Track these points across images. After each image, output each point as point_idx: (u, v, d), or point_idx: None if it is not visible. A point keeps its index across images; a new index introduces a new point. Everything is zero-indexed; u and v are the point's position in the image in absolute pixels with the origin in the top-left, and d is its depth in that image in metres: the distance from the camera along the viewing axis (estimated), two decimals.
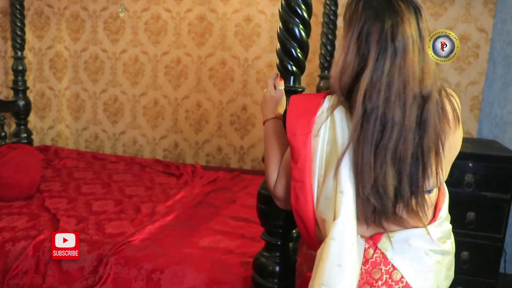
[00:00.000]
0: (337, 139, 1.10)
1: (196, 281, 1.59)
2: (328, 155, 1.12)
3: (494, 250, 2.58)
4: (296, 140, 1.13)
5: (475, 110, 2.97)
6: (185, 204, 2.31)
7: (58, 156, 3.12)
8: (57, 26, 3.64)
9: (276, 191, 1.25)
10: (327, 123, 1.11)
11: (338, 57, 1.11)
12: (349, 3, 1.12)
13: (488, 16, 2.86)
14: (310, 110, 1.14)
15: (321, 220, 1.14)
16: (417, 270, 1.14)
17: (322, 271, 1.08)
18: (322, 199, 1.12)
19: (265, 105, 1.35)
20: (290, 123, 1.14)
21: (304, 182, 1.13)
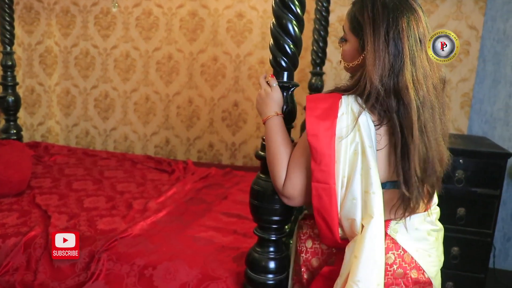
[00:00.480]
0: (364, 141, 1.14)
1: (188, 277, 1.58)
2: (352, 156, 1.16)
3: (483, 246, 2.61)
4: (319, 142, 1.15)
5: (466, 107, 2.99)
6: (177, 200, 2.30)
7: (49, 153, 3.09)
8: (47, 21, 3.61)
9: (286, 189, 1.25)
10: (351, 124, 1.15)
11: (371, 60, 1.14)
12: (361, 6, 1.18)
13: (479, 14, 2.88)
14: (331, 112, 1.16)
15: (346, 219, 1.18)
16: (422, 249, 1.24)
17: (358, 268, 1.12)
18: (348, 199, 1.16)
19: (263, 103, 1.33)
20: (312, 125, 1.16)
21: (329, 184, 1.16)
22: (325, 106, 1.18)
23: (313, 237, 1.37)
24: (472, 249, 2.61)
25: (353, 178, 1.15)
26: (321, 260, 1.33)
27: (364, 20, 1.17)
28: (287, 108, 1.34)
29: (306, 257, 1.37)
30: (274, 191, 1.34)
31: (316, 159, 1.16)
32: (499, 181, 2.55)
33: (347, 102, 1.17)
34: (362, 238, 1.13)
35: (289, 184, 1.25)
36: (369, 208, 1.14)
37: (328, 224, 1.21)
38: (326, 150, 1.15)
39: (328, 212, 1.19)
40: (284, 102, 1.34)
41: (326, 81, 3.08)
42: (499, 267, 3.11)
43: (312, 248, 1.36)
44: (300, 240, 1.39)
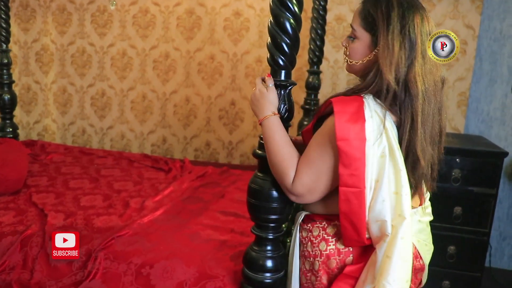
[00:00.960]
0: (392, 143, 1.18)
1: (186, 275, 1.58)
2: (379, 159, 1.19)
3: (480, 245, 2.62)
4: (350, 146, 1.16)
5: (462, 106, 3.00)
6: (174, 199, 2.30)
7: (45, 151, 3.08)
8: (43, 19, 3.59)
9: (296, 187, 1.26)
10: (378, 128, 1.18)
11: (385, 55, 1.18)
12: (375, 2, 1.23)
13: (476, 13, 2.89)
14: (358, 116, 1.18)
15: (375, 221, 1.20)
16: (422, 239, 1.35)
17: (391, 268, 1.16)
18: (378, 202, 1.19)
19: (258, 103, 1.33)
20: (341, 130, 1.16)
21: (360, 188, 1.18)
22: (352, 110, 1.19)
23: (326, 238, 1.34)
24: (468, 248, 2.62)
25: (381, 180, 1.18)
26: (338, 260, 1.32)
27: (378, 15, 1.21)
28: (285, 106, 1.34)
29: (322, 260, 1.34)
30: (271, 189, 1.34)
31: (345, 163, 1.17)
32: (496, 180, 2.56)
33: (370, 105, 1.19)
34: (394, 239, 1.16)
35: (299, 182, 1.25)
36: (400, 209, 1.17)
37: (355, 227, 1.22)
38: (358, 154, 1.16)
39: (357, 215, 1.20)
40: (282, 101, 1.34)
41: (323, 80, 3.08)
42: (495, 266, 3.13)
43: (327, 250, 1.34)
44: (313, 244, 1.36)
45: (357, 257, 1.30)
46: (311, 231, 1.37)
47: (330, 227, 1.34)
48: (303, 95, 2.97)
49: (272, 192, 1.35)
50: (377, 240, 1.21)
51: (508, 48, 2.97)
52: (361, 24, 1.27)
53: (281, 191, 1.34)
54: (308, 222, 1.39)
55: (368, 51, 1.27)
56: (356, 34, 1.29)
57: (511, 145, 3.04)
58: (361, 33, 1.27)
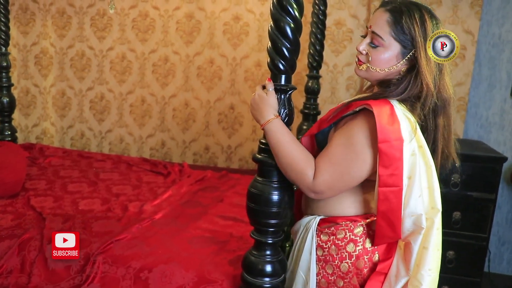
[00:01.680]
0: (421, 141, 1.28)
1: (184, 280, 1.58)
2: (410, 157, 1.26)
3: (479, 250, 2.62)
4: (391, 147, 1.23)
5: (461, 111, 3.00)
6: (173, 203, 2.29)
7: (43, 154, 3.07)
8: (43, 22, 3.60)
9: (318, 185, 1.29)
10: (409, 128, 1.26)
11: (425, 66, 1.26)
12: (409, 14, 1.28)
13: (475, 19, 2.90)
14: (393, 118, 1.25)
15: (410, 216, 1.27)
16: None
17: (428, 258, 1.26)
18: (413, 197, 1.26)
19: (258, 108, 1.33)
20: (383, 131, 1.22)
21: (400, 186, 1.25)
22: (387, 113, 1.25)
23: (354, 239, 1.38)
24: (467, 253, 2.62)
25: (413, 177, 1.25)
26: (366, 260, 1.37)
27: (415, 29, 1.26)
28: (285, 111, 1.34)
29: (352, 261, 1.37)
30: (271, 194, 1.34)
31: (385, 164, 1.23)
32: (495, 185, 2.56)
33: (397, 107, 1.27)
34: (430, 230, 1.27)
35: (321, 179, 1.28)
36: (433, 202, 1.28)
37: (392, 224, 1.28)
38: (398, 154, 1.23)
39: (395, 213, 1.27)
40: (282, 105, 1.34)
41: (322, 84, 3.08)
42: (494, 271, 3.12)
43: (356, 251, 1.38)
44: (338, 247, 1.39)
45: (383, 254, 1.37)
46: (335, 234, 1.39)
47: (357, 228, 1.38)
48: (302, 99, 2.97)
49: (272, 196, 1.34)
50: (410, 234, 1.29)
51: (507, 53, 2.98)
52: (391, 34, 1.29)
53: (281, 195, 1.34)
54: (327, 225, 1.41)
55: (394, 60, 1.31)
56: (382, 43, 1.31)
57: (510, 150, 3.05)
58: (390, 42, 1.30)
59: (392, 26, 1.29)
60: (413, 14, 1.27)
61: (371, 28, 1.32)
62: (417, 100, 1.29)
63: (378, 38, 1.31)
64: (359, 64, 1.37)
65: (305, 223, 1.46)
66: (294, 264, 1.50)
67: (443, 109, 1.31)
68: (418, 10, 1.28)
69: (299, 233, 1.48)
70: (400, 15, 1.28)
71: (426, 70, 1.26)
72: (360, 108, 1.31)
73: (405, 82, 1.30)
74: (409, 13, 1.27)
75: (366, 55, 1.34)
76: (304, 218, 1.48)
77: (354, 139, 1.27)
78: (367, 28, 1.35)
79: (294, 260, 1.50)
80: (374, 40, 1.32)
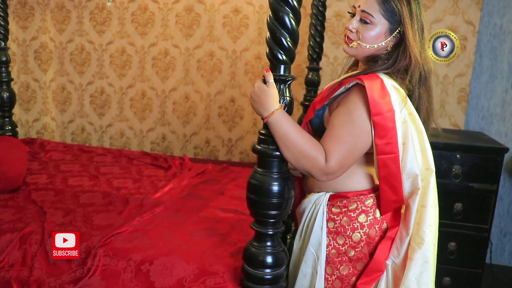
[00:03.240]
0: (411, 109, 1.38)
1: (185, 272, 1.57)
2: (402, 125, 1.36)
3: (480, 241, 2.62)
4: (384, 119, 1.33)
5: (463, 102, 2.99)
6: (174, 196, 2.29)
7: (44, 149, 3.07)
8: (42, 17, 3.59)
9: (331, 166, 1.34)
10: (399, 98, 1.36)
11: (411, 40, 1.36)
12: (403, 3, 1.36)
13: (476, 9, 2.88)
14: (383, 91, 1.34)
15: (408, 177, 1.39)
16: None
17: (427, 215, 1.38)
18: (408, 160, 1.37)
19: (260, 100, 1.33)
20: (375, 105, 1.32)
21: (396, 153, 1.36)
22: (378, 86, 1.34)
23: (365, 210, 1.47)
24: (469, 244, 2.62)
25: (407, 142, 1.36)
26: (377, 229, 1.47)
27: (402, 8, 1.36)
28: (284, 101, 1.33)
29: (364, 231, 1.46)
30: (271, 185, 1.33)
31: (381, 135, 1.34)
32: (496, 176, 2.55)
33: (385, 80, 1.36)
34: (426, 189, 1.38)
35: (334, 160, 1.33)
36: (427, 163, 1.39)
37: (394, 188, 1.39)
38: (391, 124, 1.33)
39: (395, 176, 1.37)
40: (281, 96, 1.33)
41: (322, 76, 3.07)
42: (495, 263, 3.12)
43: (367, 221, 1.47)
44: (350, 218, 1.46)
45: (390, 221, 1.48)
46: (347, 206, 1.47)
47: (368, 200, 1.48)
48: (302, 91, 2.96)
49: (272, 187, 1.34)
50: (409, 196, 1.41)
51: (508, 44, 2.96)
52: (381, 12, 1.37)
53: (281, 186, 1.34)
54: (338, 200, 1.49)
55: (383, 37, 1.40)
56: (372, 20, 1.38)
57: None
58: (380, 20, 1.38)
59: (381, 5, 1.37)
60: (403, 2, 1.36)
61: (361, 7, 1.39)
62: (404, 72, 1.39)
63: (368, 16, 1.38)
64: (348, 42, 1.43)
65: (315, 199, 1.52)
66: (302, 242, 1.54)
67: (426, 80, 1.42)
68: None
69: (308, 210, 1.53)
70: None
71: (413, 45, 1.37)
72: (353, 83, 1.39)
73: (393, 56, 1.40)
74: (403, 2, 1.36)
75: (356, 32, 1.41)
76: (312, 196, 1.54)
77: (354, 115, 1.35)
78: (355, 8, 1.42)
79: (302, 238, 1.55)
80: (364, 17, 1.39)
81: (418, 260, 1.38)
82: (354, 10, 1.42)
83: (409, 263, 1.39)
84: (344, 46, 1.46)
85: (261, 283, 1.42)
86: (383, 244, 1.46)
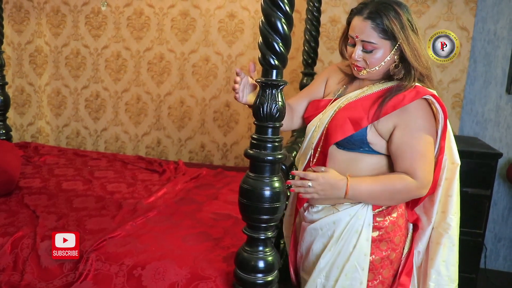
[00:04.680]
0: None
1: (178, 277, 1.57)
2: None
3: (475, 246, 2.62)
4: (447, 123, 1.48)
5: (457, 107, 3.00)
6: (168, 201, 2.29)
7: (38, 153, 3.06)
8: (37, 21, 3.58)
9: (423, 182, 1.43)
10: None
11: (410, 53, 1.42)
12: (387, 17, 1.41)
13: (470, 15, 2.89)
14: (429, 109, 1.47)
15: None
16: None
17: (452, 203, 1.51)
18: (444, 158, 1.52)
19: (329, 192, 1.42)
20: (445, 111, 1.45)
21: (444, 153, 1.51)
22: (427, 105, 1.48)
23: (401, 213, 1.54)
24: (463, 249, 2.59)
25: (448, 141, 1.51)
26: (409, 227, 1.60)
27: (393, 26, 1.40)
28: (276, 106, 1.33)
29: (402, 232, 1.54)
30: (263, 189, 1.33)
31: (444, 137, 1.48)
32: (490, 181, 2.56)
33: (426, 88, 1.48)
34: (452, 181, 1.50)
35: (423, 176, 1.42)
36: (453, 158, 1.51)
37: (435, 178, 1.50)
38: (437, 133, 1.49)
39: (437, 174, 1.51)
40: (273, 100, 1.33)
41: None
42: (490, 268, 3.12)
43: (403, 223, 1.55)
44: (393, 224, 1.51)
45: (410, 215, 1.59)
46: (390, 213, 1.51)
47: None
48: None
49: (264, 192, 1.34)
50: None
51: (502, 49, 2.98)
52: (380, 36, 1.42)
53: (273, 191, 1.34)
54: (380, 208, 1.50)
55: (387, 54, 1.45)
56: (374, 46, 1.43)
57: (506, 146, 3.05)
58: (380, 43, 1.43)
59: (377, 30, 1.42)
60: (388, 14, 1.40)
61: (359, 38, 1.44)
62: (423, 77, 1.47)
63: (370, 44, 1.43)
64: (358, 70, 1.49)
65: (353, 212, 1.49)
66: (336, 256, 1.49)
67: (430, 81, 1.51)
68: (389, 7, 1.42)
69: (344, 224, 1.49)
70: (380, 19, 1.41)
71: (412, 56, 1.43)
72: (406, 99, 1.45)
73: (403, 71, 1.46)
74: (385, 14, 1.41)
75: (362, 60, 1.46)
76: (344, 210, 1.49)
77: (425, 129, 1.44)
78: (353, 38, 1.46)
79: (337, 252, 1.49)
80: (366, 46, 1.44)
81: (446, 244, 1.51)
82: (353, 41, 1.47)
83: (436, 248, 1.52)
84: (355, 73, 1.52)
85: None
86: (414, 235, 1.59)
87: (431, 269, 1.52)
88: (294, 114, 1.67)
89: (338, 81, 1.65)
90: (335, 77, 1.67)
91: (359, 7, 1.46)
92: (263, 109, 1.32)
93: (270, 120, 1.33)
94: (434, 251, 1.52)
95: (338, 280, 1.47)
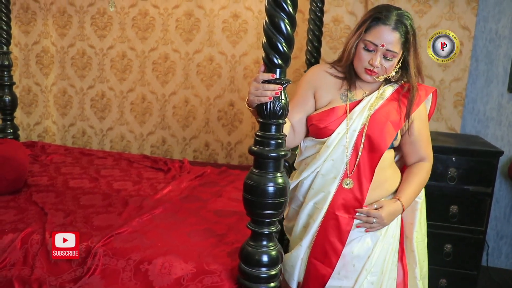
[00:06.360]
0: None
1: (183, 271, 1.61)
2: None
3: (476, 243, 2.64)
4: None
5: (459, 106, 3.02)
6: (173, 198, 2.32)
7: (45, 152, 3.11)
8: (44, 21, 3.63)
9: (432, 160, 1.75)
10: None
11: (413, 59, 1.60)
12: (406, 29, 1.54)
13: (471, 14, 2.92)
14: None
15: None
16: None
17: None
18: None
19: (391, 217, 1.62)
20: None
21: None
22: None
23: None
24: (465, 246, 2.64)
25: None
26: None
27: (411, 36, 1.56)
28: (279, 104, 1.36)
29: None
30: (266, 185, 1.37)
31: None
32: (491, 179, 2.58)
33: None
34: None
35: (431, 156, 1.72)
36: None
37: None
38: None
39: None
40: (277, 99, 1.36)
41: None
42: (492, 265, 3.15)
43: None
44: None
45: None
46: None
47: None
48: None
49: (268, 187, 1.37)
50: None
51: (503, 48, 3.00)
52: (401, 47, 1.56)
53: (277, 186, 1.38)
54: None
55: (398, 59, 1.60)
56: (396, 55, 1.56)
57: (508, 144, 3.07)
58: (400, 52, 1.57)
59: (401, 41, 1.55)
60: (408, 26, 1.54)
61: (385, 47, 1.53)
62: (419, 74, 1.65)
63: (393, 53, 1.55)
64: (373, 75, 1.58)
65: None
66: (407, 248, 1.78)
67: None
68: (409, 18, 1.55)
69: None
70: (405, 31, 1.54)
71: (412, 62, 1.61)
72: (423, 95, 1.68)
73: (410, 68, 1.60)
74: (410, 27, 1.55)
75: (381, 67, 1.56)
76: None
77: (427, 117, 1.71)
78: (376, 45, 1.54)
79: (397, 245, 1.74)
80: (388, 55, 1.55)
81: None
82: (373, 47, 1.54)
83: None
84: (367, 77, 1.60)
85: (257, 282, 1.45)
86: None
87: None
88: (295, 130, 1.69)
89: (332, 86, 1.68)
90: (326, 83, 1.68)
91: (384, 15, 1.53)
92: (267, 107, 1.36)
93: (274, 117, 1.37)
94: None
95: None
